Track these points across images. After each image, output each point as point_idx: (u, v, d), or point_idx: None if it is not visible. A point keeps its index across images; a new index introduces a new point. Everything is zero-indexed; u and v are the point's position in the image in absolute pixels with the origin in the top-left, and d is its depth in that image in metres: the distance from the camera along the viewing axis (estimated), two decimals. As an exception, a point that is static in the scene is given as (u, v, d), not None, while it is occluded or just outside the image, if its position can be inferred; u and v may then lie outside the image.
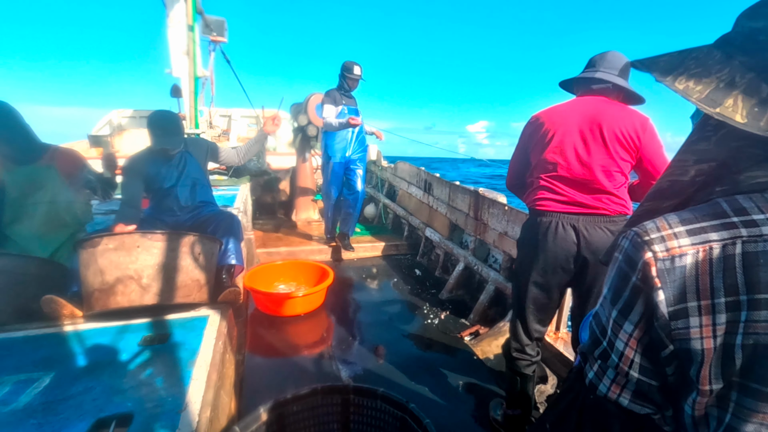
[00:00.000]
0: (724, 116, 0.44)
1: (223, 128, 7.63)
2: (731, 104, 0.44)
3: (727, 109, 0.44)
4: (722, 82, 0.45)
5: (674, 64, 0.49)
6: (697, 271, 0.44)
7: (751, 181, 0.47)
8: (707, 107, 0.45)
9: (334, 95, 3.42)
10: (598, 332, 0.54)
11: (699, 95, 0.45)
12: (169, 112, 2.27)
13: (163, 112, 2.24)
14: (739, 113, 0.43)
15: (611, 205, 1.38)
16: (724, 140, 0.50)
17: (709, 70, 0.46)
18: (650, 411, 0.50)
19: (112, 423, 1.09)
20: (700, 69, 0.47)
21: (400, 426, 1.23)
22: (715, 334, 0.43)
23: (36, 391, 1.21)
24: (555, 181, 1.43)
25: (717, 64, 0.46)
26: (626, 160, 1.37)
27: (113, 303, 1.67)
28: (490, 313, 2.65)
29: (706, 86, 0.45)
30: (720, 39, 0.50)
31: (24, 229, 2.07)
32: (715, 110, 0.44)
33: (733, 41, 0.47)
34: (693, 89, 0.46)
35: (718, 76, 0.45)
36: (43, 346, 1.48)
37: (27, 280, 1.78)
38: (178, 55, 4.12)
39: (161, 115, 2.22)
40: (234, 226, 2.24)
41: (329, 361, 2.16)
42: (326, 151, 3.68)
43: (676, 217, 0.48)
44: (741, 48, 0.46)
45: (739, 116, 0.43)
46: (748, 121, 0.43)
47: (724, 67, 0.46)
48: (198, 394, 1.21)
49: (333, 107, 3.38)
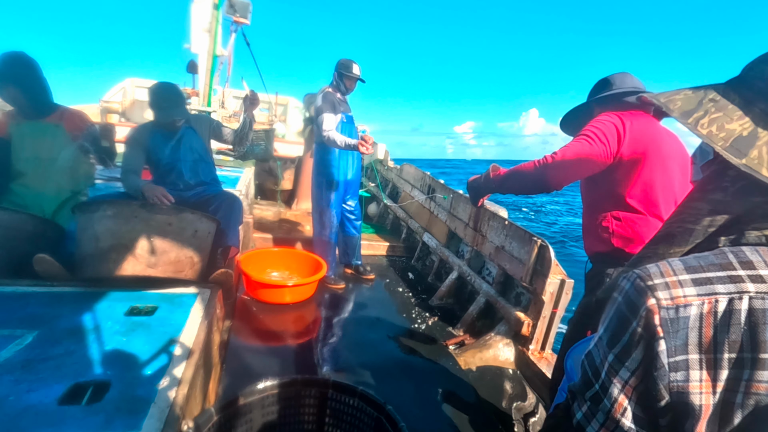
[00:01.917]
0: (750, 168, 0.43)
1: (235, 109, 7.64)
2: (756, 156, 0.43)
3: (753, 161, 0.43)
4: (745, 130, 0.44)
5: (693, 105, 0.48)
6: (701, 323, 0.43)
7: (757, 233, 0.46)
8: (733, 158, 0.44)
9: (332, 100, 2.71)
10: (591, 373, 0.52)
11: (724, 143, 0.44)
12: (170, 84, 2.25)
13: (164, 83, 2.23)
14: (765, 166, 0.42)
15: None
16: (743, 193, 0.49)
17: (730, 116, 0.45)
18: None
19: (89, 389, 1.09)
20: (721, 114, 0.46)
21: (375, 426, 1.23)
22: (715, 390, 0.42)
23: (18, 348, 1.21)
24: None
25: (737, 110, 0.46)
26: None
27: (105, 270, 1.67)
28: (478, 324, 2.65)
29: (730, 134, 0.44)
30: (735, 80, 0.49)
31: (27, 184, 2.08)
32: (741, 161, 0.43)
33: (751, 86, 0.47)
34: (717, 136, 0.45)
35: (741, 124, 0.45)
36: (31, 304, 1.48)
37: (22, 237, 1.78)
38: (198, 31, 4.12)
39: (162, 86, 2.21)
40: (235, 208, 2.24)
41: (311, 354, 2.16)
42: (325, 170, 2.87)
43: (681, 263, 0.46)
44: (761, 94, 0.45)
45: (765, 170, 0.42)
46: None
47: (746, 114, 0.45)
48: (178, 371, 1.21)
49: (333, 116, 2.67)
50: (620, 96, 1.31)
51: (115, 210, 1.70)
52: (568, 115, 1.46)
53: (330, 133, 2.62)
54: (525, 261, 2.32)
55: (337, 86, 2.82)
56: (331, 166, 2.88)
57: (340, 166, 2.91)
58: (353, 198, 3.14)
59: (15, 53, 1.98)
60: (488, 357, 2.27)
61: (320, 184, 2.94)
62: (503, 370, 2.20)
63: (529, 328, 2.22)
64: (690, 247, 0.54)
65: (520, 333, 2.25)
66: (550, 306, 2.17)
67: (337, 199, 2.97)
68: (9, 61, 1.95)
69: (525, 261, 2.32)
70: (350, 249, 3.26)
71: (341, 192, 2.98)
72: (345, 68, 2.77)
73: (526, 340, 2.24)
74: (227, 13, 5.04)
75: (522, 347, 2.26)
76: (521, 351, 2.26)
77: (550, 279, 2.14)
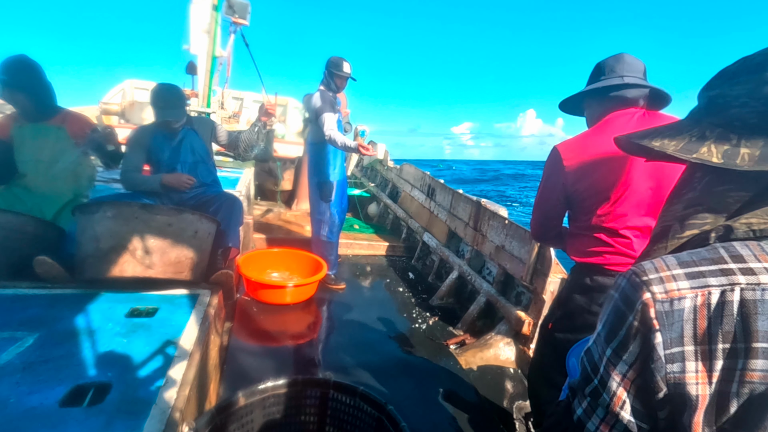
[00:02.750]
0: (701, 159, 0.50)
1: (235, 110, 7.64)
2: (706, 151, 0.50)
3: (702, 155, 0.50)
4: (694, 137, 0.52)
5: (648, 132, 0.57)
6: (695, 315, 0.44)
7: (745, 228, 0.48)
8: (684, 155, 0.51)
9: (330, 100, 2.69)
10: (590, 369, 0.54)
11: (675, 148, 0.52)
12: (171, 85, 2.25)
13: (166, 84, 2.24)
14: (714, 156, 0.49)
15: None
16: (709, 187, 0.54)
17: (680, 131, 0.54)
18: None
19: (90, 391, 1.09)
20: (672, 131, 0.55)
21: (376, 426, 1.23)
22: (711, 380, 0.43)
23: (18, 350, 1.21)
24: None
25: (687, 126, 0.54)
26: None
27: (105, 271, 1.67)
28: (479, 324, 2.65)
29: (680, 141, 0.53)
30: (688, 114, 0.57)
31: (29, 186, 2.09)
32: (692, 156, 0.50)
33: (697, 111, 0.57)
34: (668, 144, 0.53)
35: (690, 133, 0.53)
36: (31, 306, 1.48)
37: (23, 239, 1.78)
38: (198, 32, 4.12)
39: (163, 87, 2.21)
40: (235, 209, 2.25)
41: (312, 354, 2.16)
42: (321, 170, 2.86)
43: (674, 259, 0.49)
44: (706, 111, 0.54)
45: (715, 158, 0.49)
46: (725, 161, 0.48)
47: (694, 127, 0.53)
48: (179, 372, 1.21)
49: (334, 116, 2.66)
50: (605, 91, 1.24)
51: (115, 211, 1.70)
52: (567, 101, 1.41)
53: (332, 133, 2.61)
54: (525, 260, 2.32)
55: (328, 84, 2.78)
56: (329, 165, 2.87)
57: (336, 165, 2.91)
58: (345, 198, 3.13)
59: (18, 57, 1.99)
60: (489, 356, 2.27)
61: (318, 184, 2.92)
62: (504, 370, 2.20)
63: (530, 327, 2.22)
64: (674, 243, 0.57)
65: (520, 332, 2.25)
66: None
67: (337, 198, 2.96)
68: (12, 65, 1.96)
69: (525, 260, 2.32)
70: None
71: (339, 191, 2.98)
72: (335, 66, 2.74)
73: (527, 339, 2.24)
74: (226, 14, 5.04)
75: (523, 346, 2.26)
76: (522, 350, 2.26)
77: (551, 278, 2.14)
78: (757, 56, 0.50)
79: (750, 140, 0.48)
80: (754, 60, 0.50)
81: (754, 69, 0.49)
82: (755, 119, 0.48)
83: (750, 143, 0.48)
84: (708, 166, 0.52)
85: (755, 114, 0.48)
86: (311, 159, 2.96)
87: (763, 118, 0.48)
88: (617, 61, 1.24)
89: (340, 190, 2.99)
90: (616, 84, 1.22)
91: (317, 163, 2.91)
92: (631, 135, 0.60)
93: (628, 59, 1.24)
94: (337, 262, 3.13)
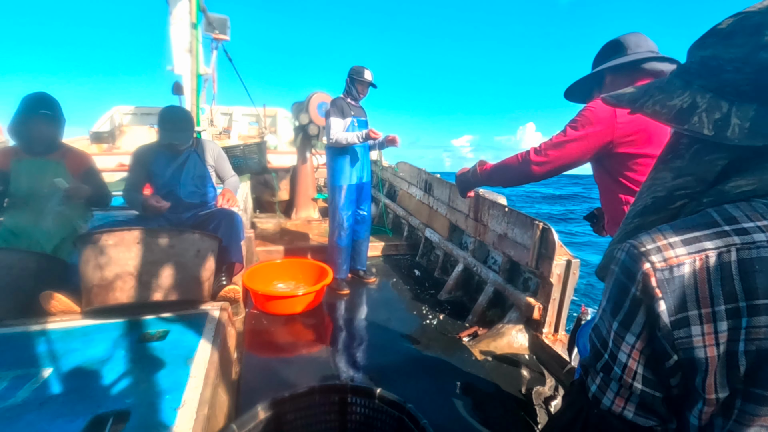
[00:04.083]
0: (693, 131, 0.49)
1: (225, 126, 7.62)
2: (697, 121, 0.49)
3: (694, 125, 0.49)
4: (685, 103, 0.51)
5: (640, 95, 0.56)
6: (695, 279, 0.45)
7: (736, 191, 0.49)
8: (676, 125, 0.51)
9: (341, 105, 2.83)
10: (599, 345, 0.54)
11: (667, 116, 0.52)
12: (182, 109, 2.30)
13: (176, 107, 2.28)
14: (705, 127, 0.49)
15: None
16: (698, 155, 0.54)
17: (671, 96, 0.53)
18: (654, 423, 0.50)
19: (109, 420, 1.09)
20: (664, 95, 0.53)
21: (397, 426, 1.23)
22: (718, 341, 0.44)
23: (34, 386, 1.21)
24: None
25: (678, 89, 0.53)
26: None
27: (112, 299, 1.67)
28: (489, 314, 2.65)
29: (671, 109, 0.52)
30: (677, 69, 0.56)
31: (27, 221, 2.09)
32: (683, 127, 0.50)
33: (688, 69, 0.53)
34: (660, 112, 0.52)
35: (681, 99, 0.52)
36: (42, 341, 1.48)
37: (26, 275, 1.78)
38: (180, 52, 4.11)
39: (173, 110, 2.25)
40: (235, 224, 2.25)
41: (327, 361, 2.16)
42: (336, 176, 2.97)
43: (670, 228, 0.49)
44: (697, 74, 0.52)
45: (706, 130, 0.49)
46: (715, 133, 0.48)
47: (685, 91, 0.52)
48: (196, 392, 1.21)
49: (341, 120, 2.81)
50: (637, 63, 1.17)
51: (117, 239, 1.70)
52: (575, 85, 1.35)
53: (336, 135, 2.77)
54: (529, 246, 2.32)
55: (349, 91, 2.92)
56: (342, 170, 2.96)
57: (351, 170, 2.98)
58: (365, 202, 3.18)
59: (41, 95, 2.08)
60: (502, 345, 2.27)
61: (332, 188, 3.02)
62: (519, 357, 2.20)
63: (540, 312, 2.23)
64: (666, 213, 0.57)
65: (531, 318, 2.25)
66: (559, 288, 2.17)
67: (347, 202, 3.00)
68: (40, 99, 2.05)
69: (529, 246, 2.32)
70: (356, 254, 3.28)
71: (353, 196, 3.03)
72: (357, 73, 2.87)
73: (539, 324, 2.24)
74: (206, 31, 5.05)
75: (535, 332, 2.27)
76: (535, 336, 2.26)
77: (556, 261, 2.14)
78: (756, 15, 0.47)
79: (741, 109, 0.47)
80: (752, 19, 0.47)
81: (751, 31, 0.47)
82: (748, 86, 0.47)
83: (741, 113, 0.47)
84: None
85: (748, 81, 0.47)
86: (327, 164, 3.08)
87: (756, 87, 0.47)
88: (640, 38, 1.18)
89: (354, 195, 3.04)
90: (659, 56, 1.15)
91: (328, 167, 3.04)
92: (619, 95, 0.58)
93: (647, 38, 1.20)
94: (346, 268, 3.16)
